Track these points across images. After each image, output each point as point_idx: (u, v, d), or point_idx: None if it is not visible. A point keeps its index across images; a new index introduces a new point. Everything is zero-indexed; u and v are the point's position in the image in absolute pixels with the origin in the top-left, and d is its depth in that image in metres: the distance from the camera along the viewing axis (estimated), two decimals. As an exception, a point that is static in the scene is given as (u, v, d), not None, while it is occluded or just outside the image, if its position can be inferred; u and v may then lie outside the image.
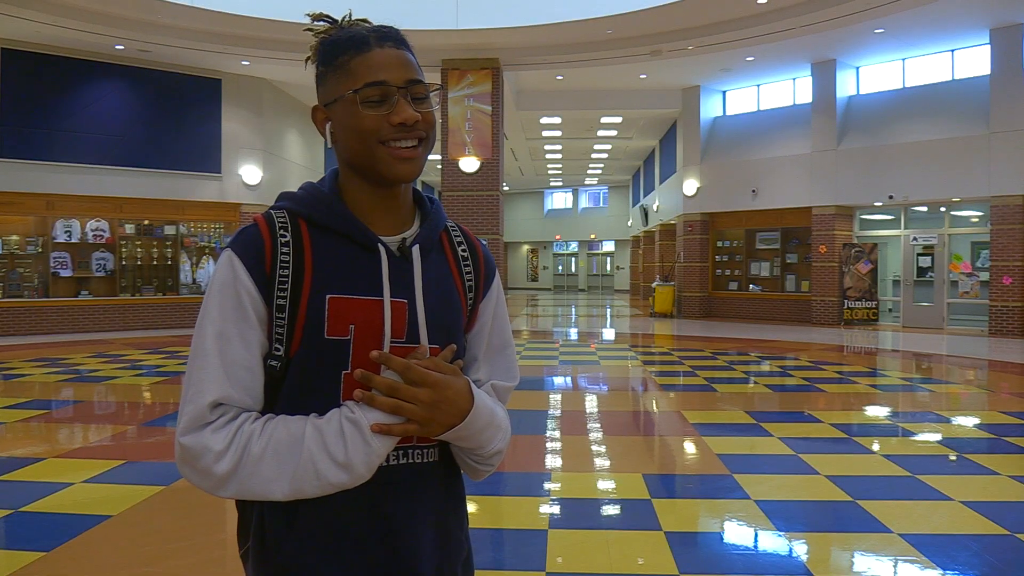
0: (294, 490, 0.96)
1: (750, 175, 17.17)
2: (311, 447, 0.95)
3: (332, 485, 0.96)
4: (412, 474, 1.06)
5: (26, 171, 13.07)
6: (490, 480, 4.58)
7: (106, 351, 10.94)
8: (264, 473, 0.95)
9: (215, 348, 0.97)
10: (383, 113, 1.02)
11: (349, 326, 1.01)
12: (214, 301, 1.00)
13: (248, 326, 0.99)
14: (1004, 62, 13.17)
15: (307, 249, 1.03)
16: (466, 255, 1.17)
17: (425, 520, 1.06)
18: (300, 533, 1.01)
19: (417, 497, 1.06)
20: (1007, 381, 8.48)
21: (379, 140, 1.02)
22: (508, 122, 17.04)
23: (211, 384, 0.96)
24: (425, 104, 1.05)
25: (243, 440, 0.95)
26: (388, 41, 1.05)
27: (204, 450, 0.95)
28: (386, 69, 1.02)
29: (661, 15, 12.23)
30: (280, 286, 1.00)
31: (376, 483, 1.01)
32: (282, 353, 1.01)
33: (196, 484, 0.98)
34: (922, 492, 4.16)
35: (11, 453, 4.99)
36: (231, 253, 1.01)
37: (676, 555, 3.24)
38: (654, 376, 9.10)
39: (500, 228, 14.08)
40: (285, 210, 1.07)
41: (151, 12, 11.89)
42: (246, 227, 1.04)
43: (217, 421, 0.96)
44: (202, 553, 3.30)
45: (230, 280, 1.00)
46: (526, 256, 39.37)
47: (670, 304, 18.35)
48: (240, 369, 0.98)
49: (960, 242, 15.78)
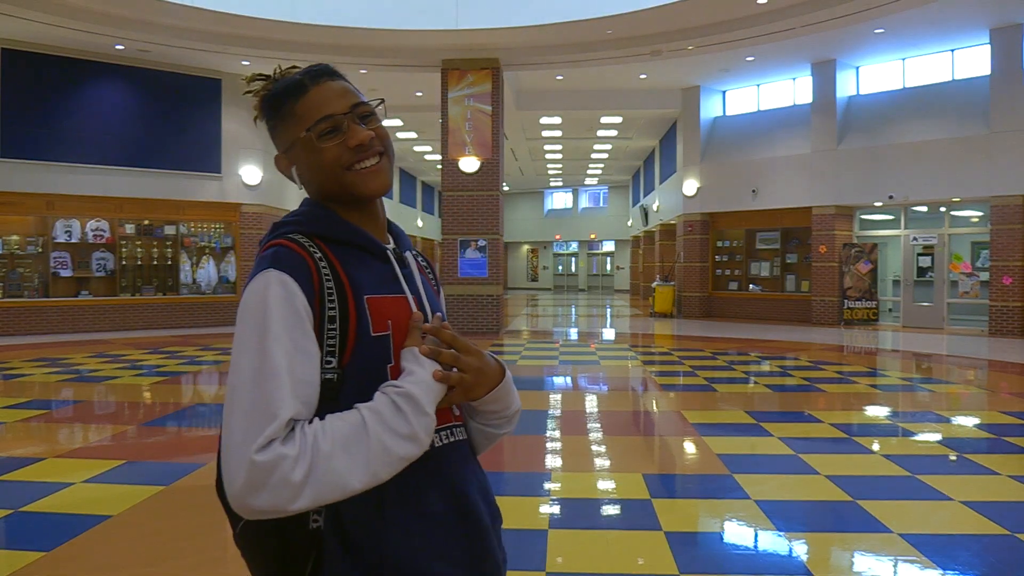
0: (371, 476, 0.97)
1: (750, 175, 17.17)
2: (376, 429, 0.98)
3: (402, 459, 1.00)
4: (461, 451, 1.15)
5: (26, 171, 13.07)
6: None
7: (106, 351, 10.94)
8: (338, 467, 0.95)
9: (285, 364, 0.97)
10: (339, 142, 1.10)
11: (387, 321, 1.09)
12: (277, 318, 0.99)
13: (309, 341, 1.02)
14: (1004, 62, 13.17)
15: (336, 261, 1.09)
16: (425, 263, 1.30)
17: (479, 493, 1.16)
18: (392, 521, 1.04)
19: (468, 472, 1.15)
20: (1007, 381, 8.48)
21: (343, 167, 1.11)
22: (508, 122, 17.03)
23: (285, 401, 0.96)
24: (373, 120, 1.14)
25: (310, 441, 0.95)
26: (322, 77, 1.13)
27: (280, 459, 0.92)
28: (328, 103, 1.11)
29: (661, 15, 12.22)
30: (329, 298, 1.05)
31: (443, 461, 1.10)
32: (335, 364, 1.04)
33: (266, 505, 0.92)
34: (922, 492, 4.16)
35: (11, 453, 4.99)
36: (279, 272, 1.01)
37: (676, 555, 3.24)
38: (654, 376, 9.10)
39: (500, 228, 14.08)
40: (299, 232, 1.10)
41: (151, 12, 11.88)
42: (278, 250, 1.05)
43: (284, 436, 0.96)
44: (202, 553, 3.30)
45: (285, 297, 1.00)
46: (526, 256, 39.37)
47: (670, 304, 18.36)
48: (305, 385, 0.99)
49: (960, 242, 15.78)
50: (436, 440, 1.09)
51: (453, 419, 1.15)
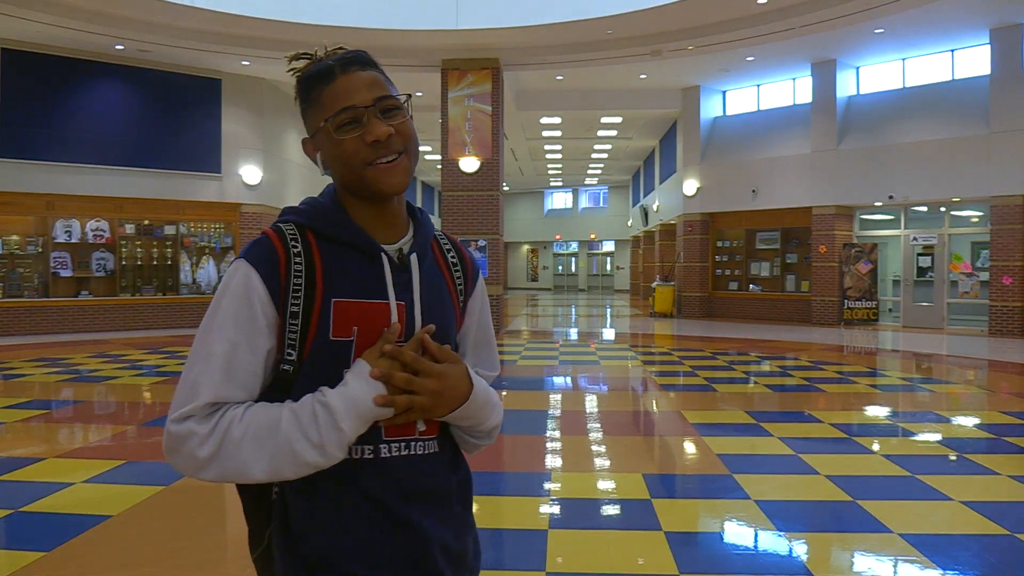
0: (272, 470, 1.02)
1: (750, 175, 17.17)
2: (288, 429, 1.01)
3: (308, 465, 1.02)
4: (416, 464, 1.12)
5: (26, 171, 13.07)
6: (490, 480, 4.57)
7: (106, 351, 10.94)
8: (243, 455, 1.01)
9: (222, 351, 1.04)
10: (357, 135, 1.08)
11: (352, 328, 1.08)
12: (225, 307, 1.06)
13: (258, 333, 1.06)
14: (1004, 62, 13.17)
15: (317, 258, 1.10)
16: (455, 260, 1.26)
17: (429, 503, 1.13)
18: (324, 520, 1.07)
19: (422, 486, 1.12)
20: (1007, 381, 8.48)
21: (363, 163, 1.09)
22: (508, 122, 17.03)
23: (211, 385, 1.03)
24: (397, 116, 1.11)
25: (224, 425, 1.02)
26: (353, 66, 1.11)
27: (190, 434, 1.01)
28: (352, 94, 1.09)
29: (661, 15, 12.22)
30: (294, 294, 1.07)
31: (379, 471, 1.09)
32: (295, 357, 1.08)
33: (180, 468, 1.05)
34: (922, 492, 4.16)
35: (11, 453, 4.99)
36: (246, 263, 1.07)
37: (676, 555, 3.24)
38: (654, 376, 9.10)
39: (500, 228, 14.08)
40: (293, 223, 1.13)
41: (151, 12, 11.88)
42: (259, 239, 1.10)
43: (206, 415, 1.03)
44: (202, 553, 3.30)
45: (244, 288, 1.06)
46: (526, 256, 39.36)
47: (670, 304, 18.36)
48: (245, 373, 1.05)
49: (960, 242, 15.78)
50: (385, 450, 1.09)
51: (417, 433, 1.12)
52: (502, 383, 8.12)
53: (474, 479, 1.25)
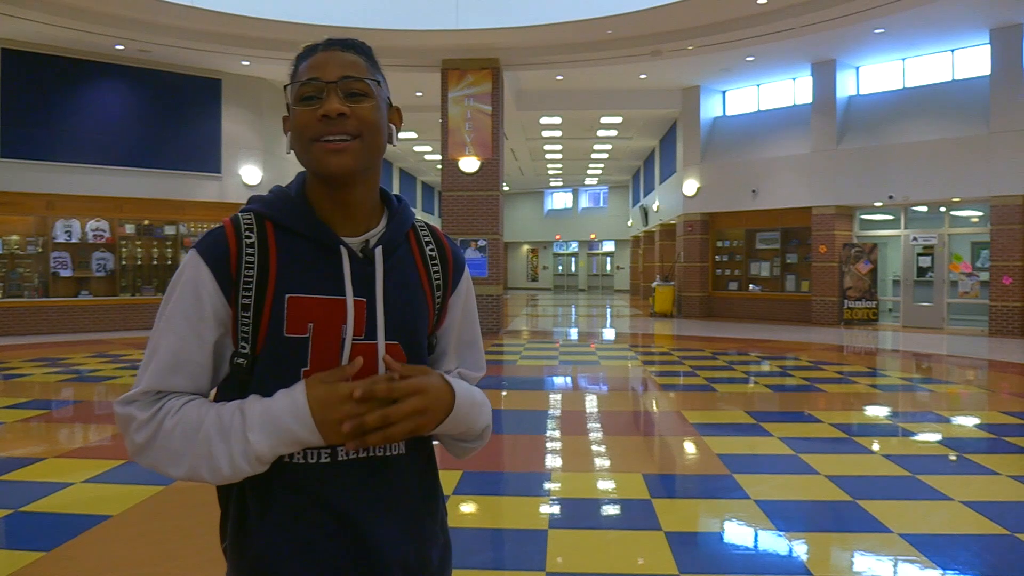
0: (190, 471, 0.99)
1: (750, 175, 17.16)
2: (208, 431, 0.99)
3: (220, 472, 0.99)
4: (374, 467, 1.07)
5: (26, 171, 13.07)
6: (490, 480, 4.58)
7: (106, 351, 10.94)
8: (169, 448, 0.99)
9: (166, 343, 1.02)
10: (313, 108, 1.03)
11: (308, 324, 1.03)
12: (175, 298, 1.04)
13: (204, 325, 1.03)
14: (1004, 62, 13.17)
15: (272, 250, 1.05)
16: (434, 254, 1.18)
17: (391, 511, 1.07)
18: (272, 523, 1.04)
19: (380, 489, 1.07)
20: (1007, 381, 8.48)
21: (311, 138, 1.03)
22: (508, 122, 17.03)
23: (153, 374, 1.02)
24: (363, 100, 1.05)
25: (161, 415, 1.00)
26: (335, 46, 1.07)
27: (130, 418, 1.01)
28: (321, 67, 1.04)
29: (661, 15, 12.22)
30: (245, 286, 1.03)
31: (335, 476, 1.04)
32: (248, 351, 1.04)
33: (126, 446, 1.04)
34: (922, 492, 4.16)
35: (11, 453, 4.99)
36: (196, 254, 1.04)
37: (676, 555, 3.24)
38: (654, 376, 9.10)
39: (500, 228, 14.07)
40: (252, 212, 1.09)
41: (151, 12, 11.88)
42: (213, 229, 1.07)
43: (148, 400, 1.02)
44: (202, 553, 3.30)
45: (192, 280, 1.03)
46: (526, 256, 39.36)
47: (670, 304, 18.35)
48: (191, 364, 1.03)
49: (960, 242, 15.78)
50: (342, 452, 1.04)
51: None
52: (502, 383, 8.13)
53: (474, 479, 1.23)
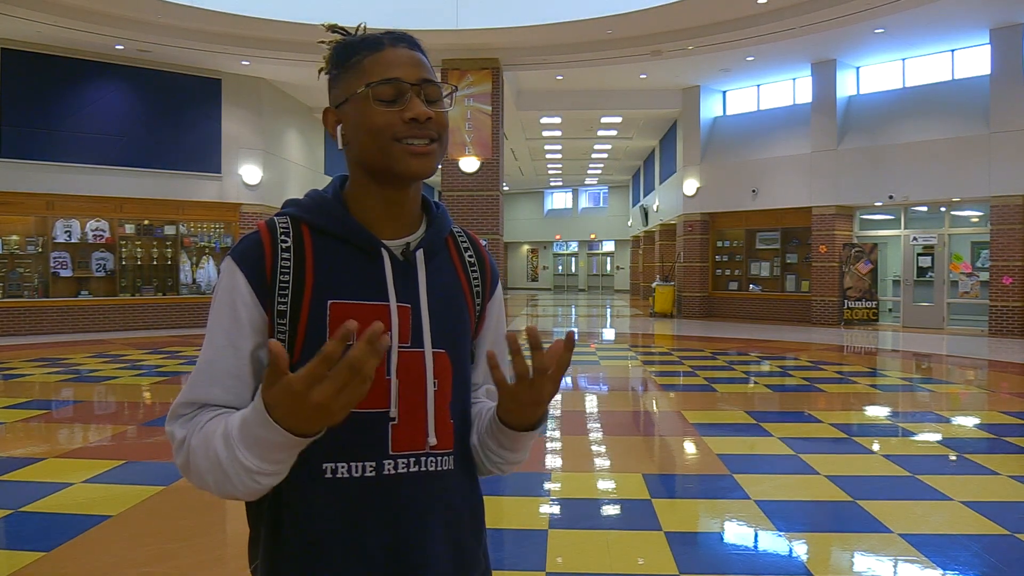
0: (219, 490, 0.92)
1: (750, 175, 17.16)
2: (217, 450, 0.91)
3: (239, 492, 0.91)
4: (425, 483, 1.02)
5: (26, 171, 13.07)
6: (490, 480, 4.57)
7: (106, 351, 10.94)
8: (199, 470, 0.93)
9: (204, 354, 1.00)
10: (396, 110, 1.00)
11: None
12: (213, 308, 1.01)
13: (240, 335, 0.99)
14: (1004, 62, 13.17)
15: (309, 255, 1.02)
16: (472, 260, 1.15)
17: (437, 532, 1.03)
18: (309, 543, 0.99)
19: (429, 508, 1.02)
20: (1007, 381, 8.48)
21: (393, 137, 1.00)
22: (508, 122, 17.03)
23: (190, 386, 0.99)
24: (438, 105, 1.04)
25: (190, 431, 0.96)
26: (402, 43, 1.05)
27: (171, 438, 0.99)
28: (400, 67, 1.02)
29: (661, 15, 12.23)
30: (281, 292, 0.99)
31: (380, 492, 0.99)
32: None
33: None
34: (922, 492, 4.16)
35: (11, 453, 4.99)
36: (231, 261, 1.01)
37: (676, 555, 3.24)
38: (654, 376, 9.10)
39: (500, 228, 14.08)
40: (288, 216, 1.06)
41: (151, 12, 11.89)
42: (249, 234, 1.04)
43: (188, 415, 0.99)
44: (202, 553, 3.30)
45: (227, 288, 1.00)
46: (526, 256, 39.36)
47: (670, 304, 18.35)
48: (228, 377, 0.99)
49: (960, 242, 15.78)
50: (390, 466, 1.00)
51: (427, 447, 1.02)
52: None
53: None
